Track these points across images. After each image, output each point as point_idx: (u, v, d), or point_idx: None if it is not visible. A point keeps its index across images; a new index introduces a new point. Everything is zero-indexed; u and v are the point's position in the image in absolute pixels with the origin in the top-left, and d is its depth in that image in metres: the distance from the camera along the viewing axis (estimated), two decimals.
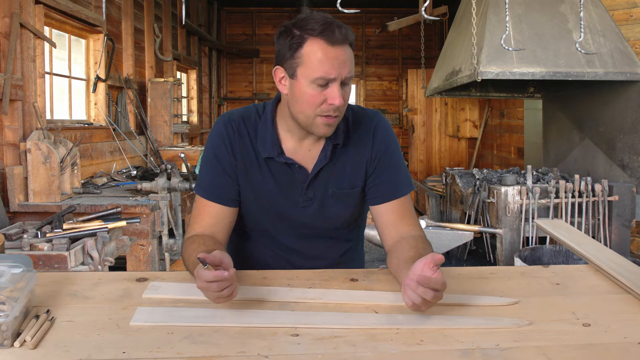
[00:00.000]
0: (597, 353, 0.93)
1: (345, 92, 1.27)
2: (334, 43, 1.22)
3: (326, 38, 1.22)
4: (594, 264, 1.35)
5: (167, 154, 5.16)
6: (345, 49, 1.24)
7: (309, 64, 1.23)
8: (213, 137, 1.39)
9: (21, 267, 1.04)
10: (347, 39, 1.24)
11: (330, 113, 1.26)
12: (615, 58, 3.17)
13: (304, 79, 1.24)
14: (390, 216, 1.38)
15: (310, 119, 1.28)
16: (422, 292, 1.01)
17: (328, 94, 1.24)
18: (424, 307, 1.04)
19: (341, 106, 1.26)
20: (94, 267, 2.45)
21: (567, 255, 3.03)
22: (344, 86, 1.26)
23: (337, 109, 1.26)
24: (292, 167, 1.37)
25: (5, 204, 3.03)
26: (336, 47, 1.23)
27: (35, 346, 0.93)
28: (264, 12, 9.53)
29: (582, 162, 3.75)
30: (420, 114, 8.32)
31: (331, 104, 1.24)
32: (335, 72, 1.22)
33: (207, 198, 1.37)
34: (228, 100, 9.49)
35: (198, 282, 1.06)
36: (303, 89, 1.25)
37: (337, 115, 1.27)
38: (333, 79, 1.23)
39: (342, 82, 1.25)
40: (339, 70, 1.23)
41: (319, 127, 1.28)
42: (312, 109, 1.26)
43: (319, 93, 1.24)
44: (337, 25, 1.24)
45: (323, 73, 1.22)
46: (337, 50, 1.23)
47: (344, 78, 1.24)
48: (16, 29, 3.12)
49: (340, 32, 1.23)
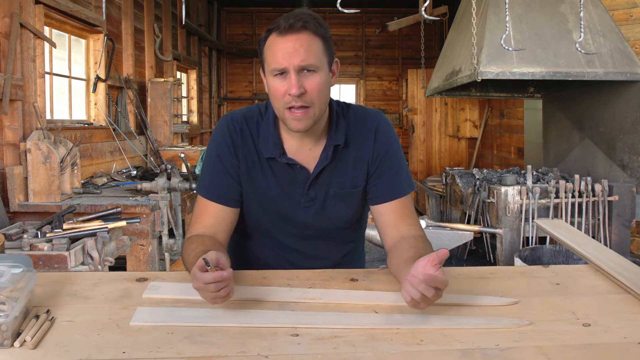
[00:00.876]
0: (597, 353, 0.93)
1: (309, 80, 1.23)
2: (283, 33, 1.22)
3: (277, 30, 1.23)
4: (594, 264, 1.35)
5: (167, 154, 5.16)
6: (298, 37, 1.22)
7: (267, 58, 1.26)
8: (215, 137, 1.39)
9: (21, 267, 1.04)
10: (296, 26, 1.22)
11: (293, 104, 1.24)
12: (615, 58, 3.17)
13: (268, 74, 1.27)
14: (391, 216, 1.38)
15: (282, 114, 1.28)
16: (423, 288, 1.01)
17: (286, 85, 1.23)
18: (422, 305, 1.03)
19: (305, 95, 1.23)
20: (94, 267, 2.45)
21: (567, 255, 3.03)
22: (307, 74, 1.23)
23: (301, 98, 1.23)
24: (293, 167, 1.36)
25: (5, 204, 3.03)
26: (286, 36, 1.22)
27: (35, 346, 0.93)
28: (264, 12, 9.53)
29: (582, 162, 3.75)
30: (420, 114, 8.32)
31: (290, 93, 1.23)
32: (285, 61, 1.22)
33: (208, 198, 1.37)
34: (228, 100, 9.49)
35: (195, 283, 1.06)
36: (269, 84, 1.27)
37: (303, 105, 1.24)
38: (285, 67, 1.22)
39: (303, 70, 1.23)
40: (288, 58, 1.22)
41: (289, 121, 1.27)
42: (279, 102, 1.26)
43: (280, 85, 1.24)
44: (291, 16, 1.23)
45: (275, 64, 1.23)
46: (286, 40, 1.22)
47: (297, 66, 1.22)
48: (16, 29, 3.12)
49: (289, 22, 1.22)
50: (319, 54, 1.24)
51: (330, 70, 1.31)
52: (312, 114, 1.26)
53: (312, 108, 1.26)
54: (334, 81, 1.34)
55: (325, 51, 1.26)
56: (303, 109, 1.25)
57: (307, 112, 1.25)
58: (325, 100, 1.29)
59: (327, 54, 1.27)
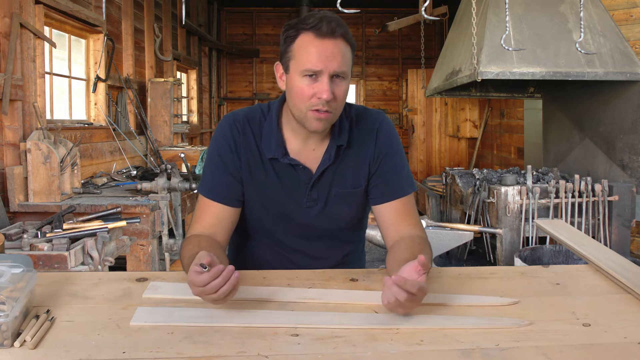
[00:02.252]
0: (597, 353, 0.93)
1: (339, 87, 1.25)
2: (322, 36, 1.22)
3: (315, 31, 1.22)
4: (594, 264, 1.35)
5: (167, 154, 5.16)
6: (336, 43, 1.23)
7: (299, 57, 1.24)
8: (217, 137, 1.39)
9: (21, 267, 1.04)
10: (337, 32, 1.22)
11: (320, 107, 1.24)
12: (615, 58, 3.17)
13: (295, 72, 1.25)
14: (391, 216, 1.38)
15: (303, 113, 1.27)
16: (395, 292, 1.01)
17: (317, 88, 1.23)
18: (399, 310, 1.03)
19: (332, 101, 1.24)
20: (94, 267, 2.45)
21: (567, 255, 3.03)
22: (336, 81, 1.24)
23: (327, 103, 1.24)
24: (296, 168, 1.37)
25: (5, 204, 3.03)
26: (324, 40, 1.22)
27: (35, 346, 0.93)
28: (264, 12, 9.53)
29: (582, 162, 3.74)
30: (420, 114, 8.32)
31: (319, 97, 1.23)
32: (322, 65, 1.22)
33: (210, 198, 1.37)
34: (228, 100, 9.48)
35: (193, 289, 1.05)
36: (295, 82, 1.26)
37: (327, 110, 1.25)
38: (320, 71, 1.22)
39: (334, 76, 1.23)
40: (325, 62, 1.22)
41: (311, 121, 1.27)
42: (303, 102, 1.26)
43: (308, 86, 1.24)
44: (329, 20, 1.23)
45: (310, 65, 1.22)
46: (325, 43, 1.22)
47: (332, 71, 1.22)
48: (16, 29, 3.12)
49: (330, 26, 1.22)
50: (349, 62, 1.27)
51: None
52: (332, 117, 1.29)
53: (334, 113, 1.28)
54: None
55: (352, 58, 1.29)
56: (327, 113, 1.26)
57: (329, 116, 1.27)
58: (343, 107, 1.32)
59: (352, 61, 1.30)
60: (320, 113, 1.25)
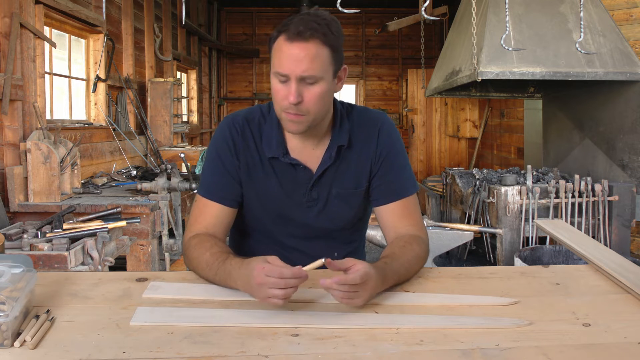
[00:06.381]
0: (597, 353, 0.93)
1: (309, 91, 1.22)
2: (292, 39, 1.20)
3: (286, 33, 1.21)
4: (594, 264, 1.35)
5: (167, 154, 5.16)
6: (306, 46, 1.19)
7: (273, 59, 1.25)
8: (216, 139, 1.40)
9: (21, 267, 1.04)
10: (307, 35, 1.19)
11: (289, 110, 1.24)
12: (615, 58, 3.17)
13: (272, 73, 1.26)
14: (392, 217, 1.39)
15: (279, 114, 1.29)
16: (335, 294, 1.07)
17: (286, 90, 1.22)
18: (358, 300, 1.08)
19: (302, 105, 1.22)
20: (94, 267, 2.45)
21: (567, 255, 3.03)
22: (307, 85, 1.22)
23: (297, 107, 1.22)
24: (296, 167, 1.37)
25: (5, 204, 3.03)
26: (293, 43, 1.20)
27: (35, 346, 0.93)
28: (264, 12, 9.53)
29: (582, 162, 3.74)
30: (420, 114, 8.32)
31: (287, 100, 1.22)
32: (287, 69, 1.20)
33: (208, 198, 1.37)
34: (228, 100, 9.48)
35: (262, 278, 1.05)
36: (272, 83, 1.26)
37: (297, 113, 1.24)
38: (286, 74, 1.21)
39: (303, 80, 1.21)
40: (291, 67, 1.20)
41: (285, 122, 1.28)
42: (277, 104, 1.27)
43: (281, 88, 1.23)
44: (305, 22, 1.20)
45: (279, 68, 1.22)
46: (293, 47, 1.20)
47: (298, 75, 1.20)
48: (16, 29, 3.12)
49: (299, 29, 1.19)
50: (323, 65, 1.22)
51: (336, 77, 1.29)
52: (305, 120, 1.26)
53: (307, 116, 1.25)
54: (339, 87, 1.32)
55: (332, 60, 1.24)
56: (297, 116, 1.25)
57: (301, 119, 1.25)
58: (324, 108, 1.29)
59: (334, 63, 1.25)
60: (291, 115, 1.25)
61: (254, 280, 1.06)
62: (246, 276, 1.09)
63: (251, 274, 1.07)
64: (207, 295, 1.17)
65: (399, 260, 1.24)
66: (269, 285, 1.04)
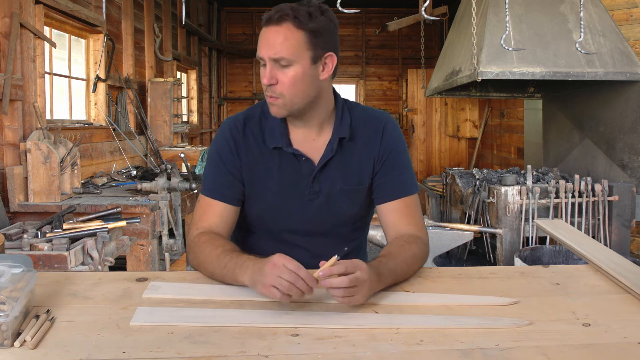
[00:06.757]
0: (597, 353, 0.93)
1: (283, 73, 1.27)
2: (266, 23, 1.28)
3: (263, 19, 1.29)
4: (594, 264, 1.35)
5: (167, 154, 5.16)
6: (278, 29, 1.25)
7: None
8: (217, 139, 1.42)
9: (21, 267, 1.04)
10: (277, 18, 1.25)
11: (267, 92, 1.30)
12: (615, 58, 3.17)
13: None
14: (393, 215, 1.39)
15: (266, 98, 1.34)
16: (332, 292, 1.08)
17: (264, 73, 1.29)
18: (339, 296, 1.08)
19: (277, 87, 1.27)
20: (94, 267, 2.45)
21: (567, 255, 3.03)
22: (281, 67, 1.27)
23: (271, 89, 1.28)
24: (299, 158, 1.38)
25: (5, 204, 3.03)
26: (267, 27, 1.27)
27: (35, 346, 0.93)
28: (264, 12, 9.44)
29: (582, 162, 3.74)
30: (420, 114, 8.32)
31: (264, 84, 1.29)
32: (261, 51, 1.28)
33: (211, 197, 1.39)
34: (228, 100, 9.48)
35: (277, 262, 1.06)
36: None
37: (272, 96, 1.29)
38: (262, 57, 1.28)
39: (277, 62, 1.26)
40: (263, 49, 1.27)
41: (269, 105, 1.34)
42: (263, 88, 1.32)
43: (262, 72, 1.30)
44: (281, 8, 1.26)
45: (258, 53, 1.29)
46: (266, 31, 1.27)
47: (269, 57, 1.26)
48: (16, 29, 3.12)
49: (270, 13, 1.26)
50: (296, 47, 1.25)
51: (318, 64, 1.30)
52: (282, 103, 1.30)
53: (282, 99, 1.29)
54: (325, 74, 1.32)
55: (308, 44, 1.26)
56: (273, 98, 1.30)
57: (277, 101, 1.30)
58: (302, 92, 1.30)
59: (311, 47, 1.27)
60: (269, 97, 1.31)
61: (270, 262, 1.07)
62: (262, 263, 1.11)
63: (270, 259, 1.09)
64: (207, 295, 1.17)
65: (395, 259, 1.24)
66: (280, 272, 1.05)
